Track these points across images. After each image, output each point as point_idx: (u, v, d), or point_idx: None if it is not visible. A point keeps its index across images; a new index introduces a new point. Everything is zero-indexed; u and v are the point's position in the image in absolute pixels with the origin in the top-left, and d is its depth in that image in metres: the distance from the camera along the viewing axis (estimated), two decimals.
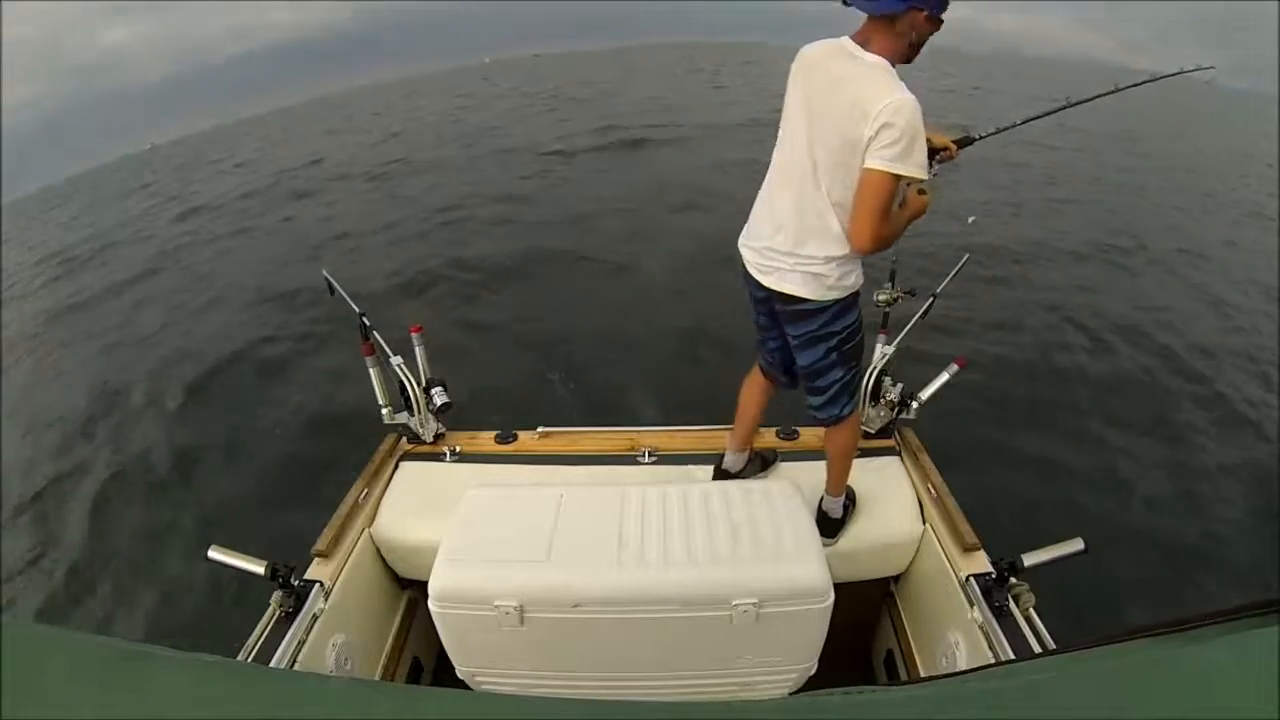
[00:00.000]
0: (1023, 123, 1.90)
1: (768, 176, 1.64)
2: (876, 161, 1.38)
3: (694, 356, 5.15)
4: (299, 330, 6.27)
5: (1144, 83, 1.99)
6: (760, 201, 1.66)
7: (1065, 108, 1.91)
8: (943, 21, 1.43)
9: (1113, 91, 1.94)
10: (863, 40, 1.43)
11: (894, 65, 1.42)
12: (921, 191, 1.54)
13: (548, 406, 4.66)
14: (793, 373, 1.87)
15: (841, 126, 1.41)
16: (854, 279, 1.59)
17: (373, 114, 30.43)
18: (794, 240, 1.56)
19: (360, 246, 9.14)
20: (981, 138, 1.80)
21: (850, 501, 1.90)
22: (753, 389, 1.97)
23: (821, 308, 1.59)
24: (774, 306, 1.68)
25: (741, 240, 1.70)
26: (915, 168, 1.39)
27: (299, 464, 4.22)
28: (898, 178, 1.39)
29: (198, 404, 5.32)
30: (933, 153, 1.59)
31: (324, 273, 2.14)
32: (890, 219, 1.46)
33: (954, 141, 1.64)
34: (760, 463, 2.07)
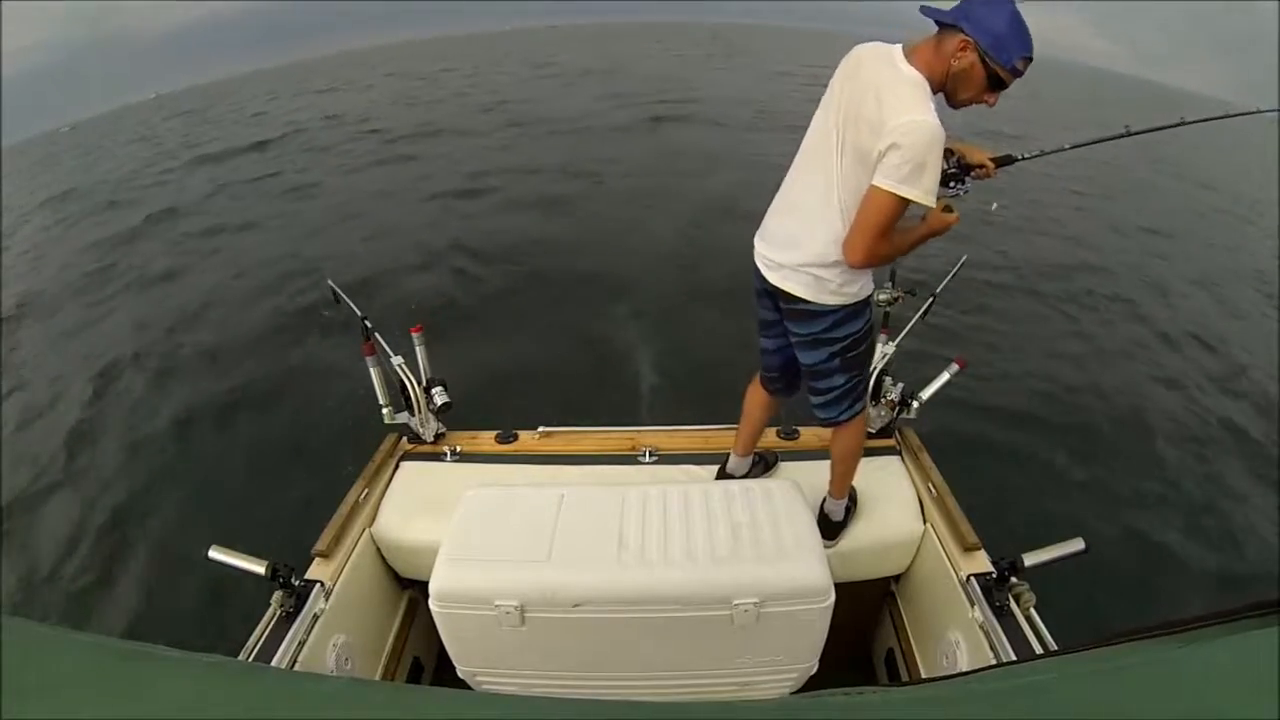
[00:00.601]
0: (1071, 148, 1.81)
1: (790, 171, 1.62)
2: (881, 180, 1.36)
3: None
4: (301, 320, 6.27)
5: (1214, 119, 1.87)
6: (779, 196, 1.65)
7: (1123, 136, 1.78)
8: (1001, 85, 1.37)
9: (1179, 124, 1.80)
10: (911, 52, 1.40)
11: (935, 84, 1.38)
12: (949, 209, 1.51)
13: (557, 370, 4.86)
14: (789, 377, 1.86)
15: (860, 133, 1.40)
16: (858, 287, 1.57)
17: (386, 75, 30.81)
18: (802, 241, 1.55)
19: (369, 211, 9.29)
20: (1025, 158, 1.71)
21: (851, 504, 1.90)
22: (756, 396, 1.96)
23: (823, 311, 1.58)
24: (779, 302, 1.67)
25: (757, 234, 1.69)
26: (922, 192, 1.35)
27: (299, 462, 4.22)
28: (903, 200, 1.36)
29: (196, 392, 5.31)
30: (968, 169, 1.56)
31: (329, 282, 2.14)
32: (888, 238, 1.43)
33: (992, 159, 1.58)
34: (763, 466, 2.07)
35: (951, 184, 1.56)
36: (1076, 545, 1.56)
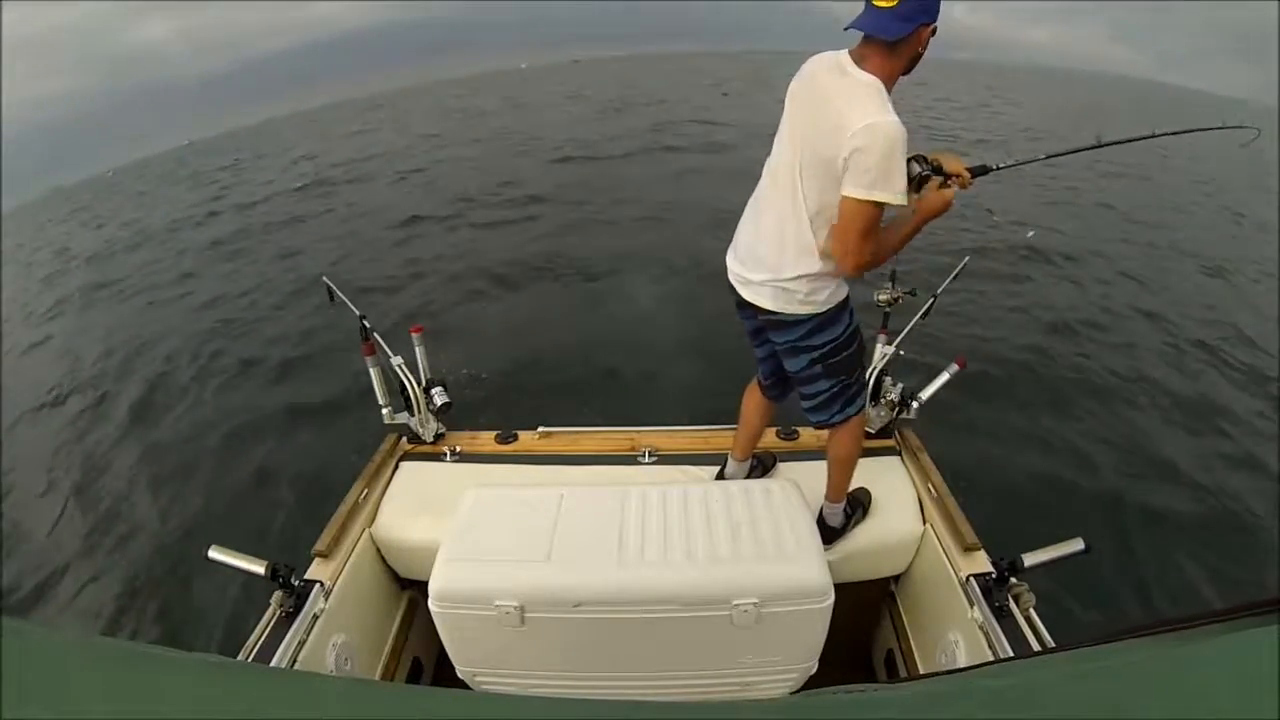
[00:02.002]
0: (1046, 158, 1.84)
1: (757, 188, 1.63)
2: (850, 188, 1.36)
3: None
4: (308, 327, 6.31)
5: (1182, 132, 1.88)
6: (746, 213, 1.67)
7: (1094, 147, 1.80)
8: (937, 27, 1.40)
9: (1150, 136, 1.82)
10: (859, 57, 1.40)
11: (890, 83, 1.39)
12: (947, 185, 1.51)
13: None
14: (784, 383, 1.86)
15: (821, 143, 1.40)
16: (827, 295, 1.56)
17: (413, 113, 31.63)
18: (768, 254, 1.56)
19: (399, 226, 9.77)
20: (999, 169, 1.72)
21: (852, 509, 1.89)
22: (753, 401, 1.97)
23: (796, 320, 1.58)
24: (756, 313, 1.68)
25: (728, 251, 1.71)
26: (892, 194, 1.36)
27: (300, 463, 4.23)
28: (876, 204, 1.37)
29: (201, 397, 5.34)
30: (945, 177, 1.56)
31: (324, 278, 2.14)
32: (871, 242, 1.43)
33: (968, 169, 1.58)
34: (761, 469, 2.07)
35: (925, 188, 1.55)
36: (1076, 545, 1.56)
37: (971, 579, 1.63)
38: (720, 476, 2.02)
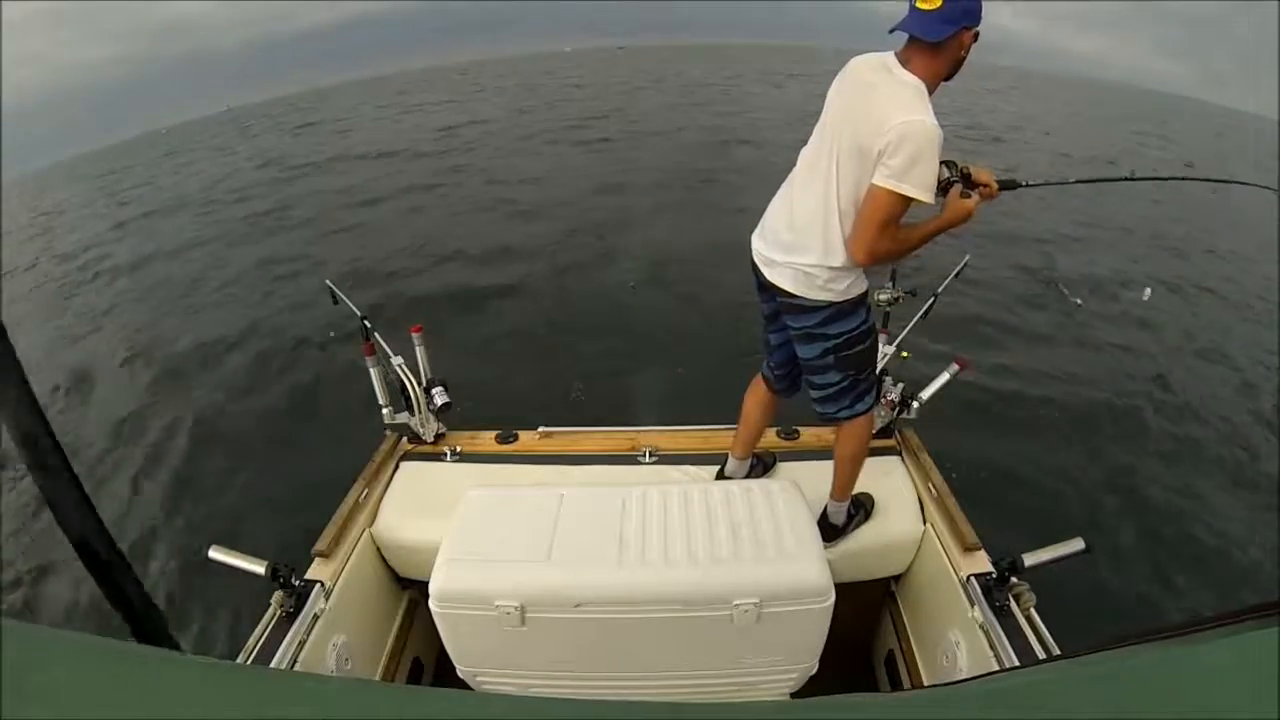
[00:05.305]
0: (1075, 182, 1.90)
1: (791, 173, 1.66)
2: (880, 178, 1.41)
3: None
4: (310, 325, 6.30)
5: (1219, 180, 2.02)
6: (778, 196, 1.69)
7: (1126, 180, 1.86)
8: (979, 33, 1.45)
9: (1181, 179, 1.90)
10: (904, 59, 1.45)
11: (932, 86, 1.43)
12: (966, 195, 1.54)
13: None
14: (794, 375, 1.87)
15: (860, 135, 1.44)
16: (846, 285, 1.59)
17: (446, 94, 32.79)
18: (794, 238, 1.59)
19: (421, 212, 10.30)
20: (1028, 185, 1.78)
21: (856, 511, 1.89)
22: (756, 398, 1.97)
23: (814, 306, 1.60)
24: (775, 295, 1.70)
25: (755, 233, 1.73)
26: (921, 189, 1.40)
27: (299, 462, 4.22)
28: (902, 197, 1.40)
29: (203, 396, 5.33)
30: (973, 185, 1.60)
31: (327, 281, 2.14)
32: (889, 235, 1.47)
33: (998, 181, 1.63)
34: (762, 468, 2.07)
35: (949, 195, 1.57)
36: (1076, 545, 1.56)
37: (972, 579, 1.63)
38: (720, 475, 2.03)
